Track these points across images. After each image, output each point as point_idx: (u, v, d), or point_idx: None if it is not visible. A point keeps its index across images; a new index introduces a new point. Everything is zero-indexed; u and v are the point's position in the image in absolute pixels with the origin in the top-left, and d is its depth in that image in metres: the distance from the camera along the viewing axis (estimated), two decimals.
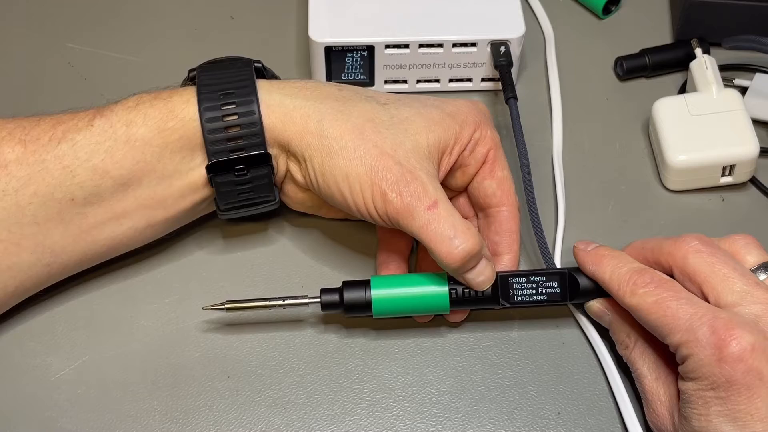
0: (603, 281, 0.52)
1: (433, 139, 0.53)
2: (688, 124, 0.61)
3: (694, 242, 0.50)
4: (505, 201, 0.56)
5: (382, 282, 0.53)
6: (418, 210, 0.50)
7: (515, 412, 0.53)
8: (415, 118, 0.53)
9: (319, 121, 0.52)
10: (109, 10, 0.72)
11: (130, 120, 0.52)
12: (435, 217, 0.50)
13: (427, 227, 0.50)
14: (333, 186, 0.52)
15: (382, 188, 0.50)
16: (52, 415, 0.52)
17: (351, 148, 0.51)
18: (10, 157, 0.51)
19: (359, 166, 0.51)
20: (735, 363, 0.45)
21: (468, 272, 0.51)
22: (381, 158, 0.51)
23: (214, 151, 0.52)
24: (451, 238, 0.50)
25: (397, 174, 0.51)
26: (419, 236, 0.50)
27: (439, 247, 0.50)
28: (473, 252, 0.50)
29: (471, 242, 0.50)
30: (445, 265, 0.50)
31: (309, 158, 0.52)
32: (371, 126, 0.52)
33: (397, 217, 0.50)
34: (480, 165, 0.56)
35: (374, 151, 0.51)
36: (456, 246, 0.49)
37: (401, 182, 0.50)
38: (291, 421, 0.52)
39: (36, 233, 0.52)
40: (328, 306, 0.53)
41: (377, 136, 0.52)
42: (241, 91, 0.53)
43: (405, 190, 0.50)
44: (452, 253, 0.50)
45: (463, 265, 0.50)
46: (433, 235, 0.50)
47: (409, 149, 0.52)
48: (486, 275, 0.52)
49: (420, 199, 0.50)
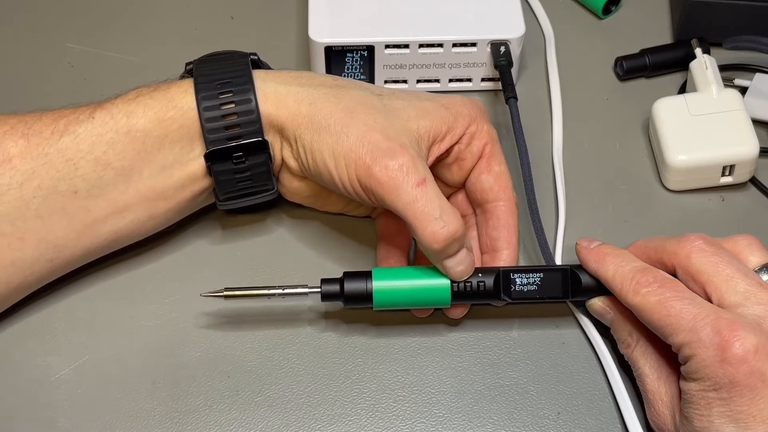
0: (605, 279, 0.51)
1: (424, 125, 0.53)
2: (688, 124, 0.61)
3: (698, 242, 0.50)
4: (502, 196, 0.56)
5: (383, 273, 0.53)
6: (405, 186, 0.49)
7: (515, 412, 0.53)
8: (407, 107, 0.53)
9: (311, 104, 0.52)
10: (109, 10, 0.72)
11: (130, 111, 0.52)
12: (423, 195, 0.49)
13: (414, 204, 0.49)
14: (320, 163, 0.52)
15: (366, 162, 0.50)
16: (52, 415, 0.52)
17: (339, 125, 0.51)
18: (14, 151, 0.51)
19: (345, 141, 0.51)
20: (738, 364, 0.45)
21: (448, 258, 0.51)
22: (368, 133, 0.51)
23: (212, 140, 0.53)
24: (436, 218, 0.49)
25: (384, 147, 0.50)
26: (404, 213, 0.49)
27: (424, 225, 0.49)
28: (457, 234, 0.49)
29: (456, 224, 0.49)
30: (427, 245, 0.50)
31: (299, 137, 0.52)
32: (362, 108, 0.52)
33: (381, 191, 0.50)
34: (476, 159, 0.56)
35: (362, 127, 0.51)
36: (442, 226, 0.49)
37: (388, 155, 0.50)
38: (291, 421, 0.52)
39: (40, 228, 0.52)
40: (328, 296, 0.53)
41: (368, 117, 0.52)
42: (237, 80, 0.53)
43: (392, 163, 0.50)
44: (437, 233, 0.49)
45: (445, 247, 0.50)
46: (419, 212, 0.49)
47: (399, 129, 0.52)
48: (466, 264, 0.51)
49: (408, 174, 0.49)
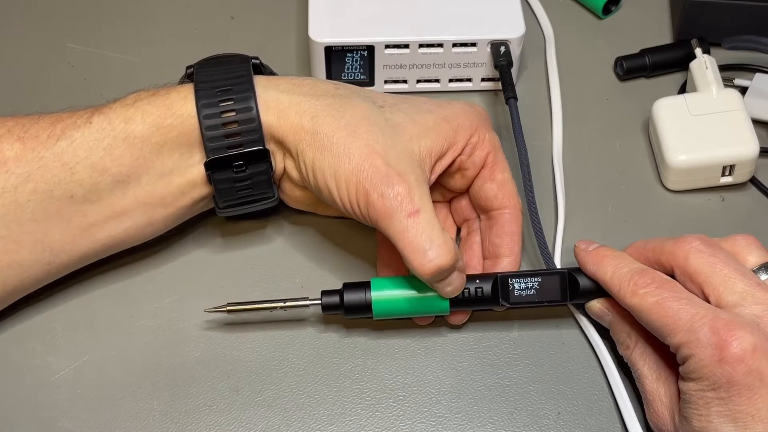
0: (604, 281, 0.52)
1: (426, 145, 0.53)
2: (688, 124, 0.61)
3: (696, 242, 0.50)
4: (507, 203, 0.56)
5: (382, 284, 0.53)
6: (398, 215, 0.49)
7: (515, 412, 0.53)
8: (408, 124, 0.53)
9: (313, 117, 0.52)
10: (109, 10, 0.72)
11: (128, 117, 0.52)
12: (414, 225, 0.49)
13: (404, 234, 0.49)
14: (321, 182, 0.52)
15: (365, 187, 0.50)
16: (52, 415, 0.52)
17: (341, 145, 0.51)
18: (9, 154, 0.51)
19: (347, 164, 0.51)
20: (736, 364, 0.45)
21: (438, 282, 0.51)
22: (369, 157, 0.50)
23: (212, 148, 0.52)
24: (426, 250, 0.49)
25: (383, 174, 0.50)
26: (395, 241, 0.49)
27: (413, 256, 0.49)
28: (445, 267, 0.49)
29: (445, 258, 0.49)
30: (416, 274, 0.50)
31: (302, 153, 0.52)
32: (365, 125, 0.52)
33: (376, 217, 0.50)
34: (479, 168, 0.56)
35: (365, 150, 0.51)
36: (430, 259, 0.49)
37: (385, 183, 0.50)
38: (291, 421, 0.52)
39: (35, 231, 0.52)
40: (329, 308, 0.54)
41: (369, 136, 0.51)
42: (238, 87, 0.53)
43: (388, 191, 0.50)
44: (424, 266, 0.49)
45: (433, 278, 0.50)
46: (408, 243, 0.49)
47: (401, 152, 0.51)
48: (454, 285, 0.51)
49: (402, 203, 0.49)
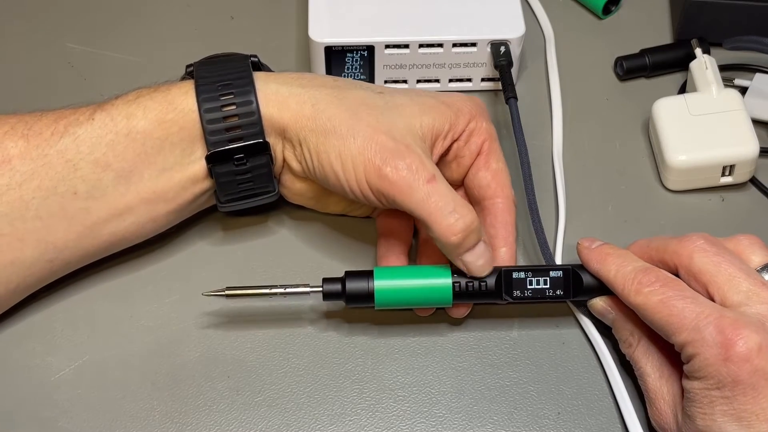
0: (607, 280, 0.51)
1: (427, 122, 0.53)
2: (688, 124, 0.61)
3: (700, 241, 0.50)
4: (500, 193, 0.56)
5: (385, 273, 0.53)
6: (417, 183, 0.50)
7: (515, 412, 0.53)
8: (409, 103, 0.54)
9: (314, 105, 0.52)
10: (109, 10, 0.72)
11: (130, 113, 0.52)
12: (435, 191, 0.49)
13: (427, 201, 0.49)
14: (327, 166, 0.52)
15: (376, 163, 0.50)
16: (52, 415, 0.52)
17: (345, 127, 0.51)
18: (14, 151, 0.51)
19: (351, 144, 0.51)
20: (741, 363, 0.45)
21: (467, 253, 0.51)
22: (374, 135, 0.51)
23: (213, 142, 0.53)
24: (451, 211, 0.49)
25: (392, 148, 0.50)
26: (418, 211, 0.50)
27: (440, 220, 0.49)
28: (473, 225, 0.50)
29: (470, 216, 0.50)
30: (444, 239, 0.50)
31: (304, 140, 0.52)
32: (365, 108, 0.52)
33: (392, 192, 0.50)
34: (475, 156, 0.56)
35: (367, 129, 0.51)
36: (457, 218, 0.49)
37: (397, 156, 0.50)
38: (291, 421, 0.52)
39: (39, 228, 0.52)
40: (330, 296, 0.53)
41: (371, 117, 0.52)
42: (238, 82, 0.53)
43: (401, 163, 0.50)
44: (453, 226, 0.49)
45: (463, 240, 0.50)
46: (433, 208, 0.49)
47: (403, 128, 0.52)
48: (486, 258, 0.52)
49: (418, 172, 0.50)
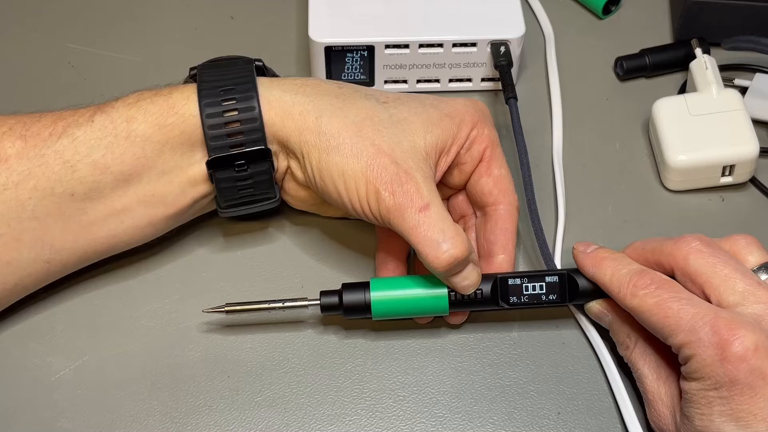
0: (603, 283, 0.51)
1: (431, 140, 0.53)
2: (688, 124, 0.61)
3: (695, 243, 0.50)
4: (502, 199, 0.56)
5: (381, 284, 0.53)
6: (409, 211, 0.50)
7: (515, 412, 0.53)
8: (413, 118, 0.53)
9: (317, 118, 0.52)
10: (109, 10, 0.72)
11: (130, 116, 0.52)
12: (425, 220, 0.50)
13: (416, 229, 0.50)
14: (329, 183, 0.52)
15: (376, 186, 0.50)
16: (52, 415, 0.52)
17: (348, 145, 0.51)
18: (11, 151, 0.51)
19: (355, 164, 0.51)
20: (738, 363, 0.45)
21: (453, 276, 0.51)
22: (377, 156, 0.51)
23: (214, 147, 0.53)
24: (439, 243, 0.49)
25: (392, 173, 0.50)
26: (408, 237, 0.50)
27: (427, 250, 0.50)
28: (460, 258, 0.50)
29: (459, 249, 0.50)
30: (431, 268, 0.50)
31: (307, 154, 0.52)
32: (370, 124, 0.52)
33: (388, 215, 0.50)
34: (476, 163, 0.56)
35: (371, 149, 0.51)
36: (444, 251, 0.49)
37: (395, 181, 0.50)
38: (291, 421, 0.52)
39: (36, 228, 0.52)
40: (328, 308, 0.53)
41: (375, 135, 0.52)
42: (241, 87, 0.53)
43: (398, 189, 0.50)
44: (439, 258, 0.49)
45: (448, 269, 0.50)
46: (421, 237, 0.50)
47: (407, 149, 0.52)
48: (471, 280, 0.52)
49: (412, 200, 0.50)
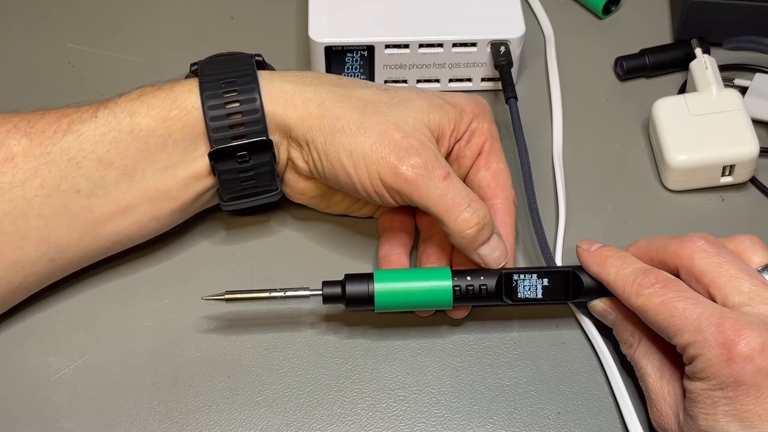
0: (607, 282, 0.51)
1: (435, 119, 0.53)
2: (688, 124, 0.61)
3: (701, 242, 0.50)
4: (500, 193, 0.56)
5: (385, 276, 0.53)
6: (434, 180, 0.50)
7: (515, 412, 0.53)
8: (416, 99, 0.54)
9: (320, 104, 0.53)
10: (110, 10, 0.72)
11: (133, 110, 0.52)
12: (451, 187, 0.50)
13: (444, 198, 0.50)
14: (337, 165, 0.52)
15: (391, 161, 0.51)
16: (52, 415, 0.52)
17: (354, 125, 0.52)
18: (17, 149, 0.51)
19: (363, 142, 0.51)
20: (744, 363, 0.45)
21: (483, 246, 0.52)
22: (386, 133, 0.51)
23: (216, 139, 0.53)
24: (467, 206, 0.50)
25: (406, 146, 0.51)
26: (434, 207, 0.50)
27: (456, 215, 0.50)
28: (486, 219, 0.51)
29: (484, 210, 0.51)
30: (460, 233, 0.51)
31: (312, 140, 0.52)
32: (372, 106, 0.53)
33: (408, 189, 0.51)
34: (475, 157, 0.56)
35: (378, 126, 0.51)
36: (471, 213, 0.50)
37: (412, 153, 0.51)
38: (291, 421, 0.52)
39: (42, 227, 0.52)
40: (330, 299, 0.53)
41: (379, 115, 0.52)
42: (242, 79, 0.53)
43: (417, 161, 0.50)
44: (468, 220, 0.50)
45: (478, 233, 0.51)
46: (450, 204, 0.50)
47: (412, 124, 0.52)
48: (501, 250, 0.52)
49: (434, 169, 0.50)
